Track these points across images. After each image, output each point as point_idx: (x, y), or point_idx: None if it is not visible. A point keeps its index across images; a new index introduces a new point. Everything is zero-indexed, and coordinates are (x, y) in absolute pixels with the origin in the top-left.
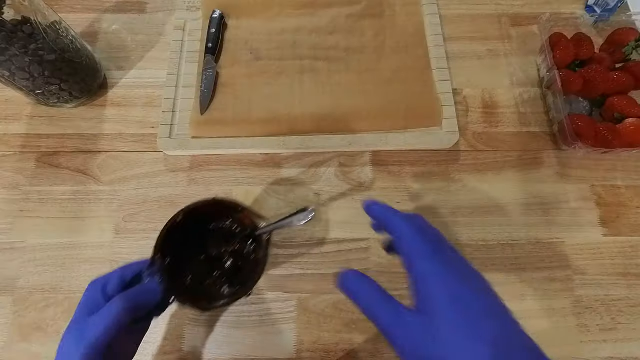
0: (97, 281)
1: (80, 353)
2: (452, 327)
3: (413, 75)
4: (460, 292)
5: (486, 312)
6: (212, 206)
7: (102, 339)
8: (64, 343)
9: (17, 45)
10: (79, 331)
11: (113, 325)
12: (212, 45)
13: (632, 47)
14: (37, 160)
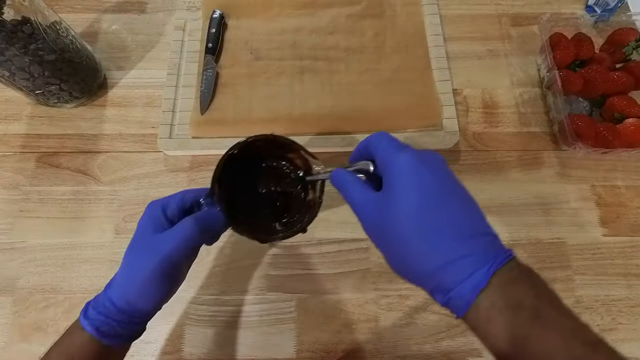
0: (157, 202)
1: (154, 265)
2: (408, 205)
3: (413, 75)
4: (430, 183)
5: (452, 208)
6: (268, 142)
7: (176, 253)
8: (132, 257)
9: (17, 45)
10: (150, 246)
11: (187, 242)
12: (212, 45)
13: (632, 47)
14: (37, 160)
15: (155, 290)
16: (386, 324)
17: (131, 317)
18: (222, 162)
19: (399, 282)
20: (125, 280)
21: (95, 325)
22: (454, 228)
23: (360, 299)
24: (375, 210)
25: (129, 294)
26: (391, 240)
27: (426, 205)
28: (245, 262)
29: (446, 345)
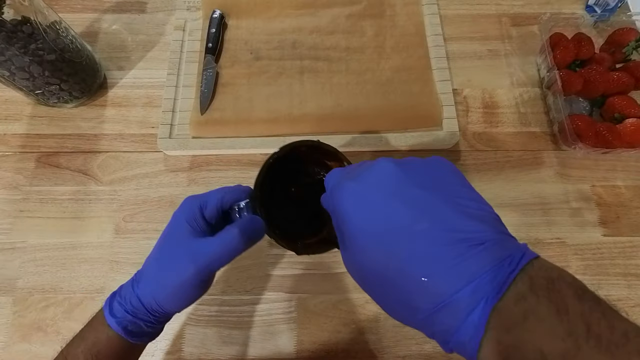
0: (194, 200)
1: (194, 273)
2: (355, 245)
3: (413, 75)
4: (372, 208)
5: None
6: (312, 149)
7: (218, 264)
8: (169, 259)
9: (17, 45)
10: (191, 252)
11: (231, 253)
12: (212, 45)
13: (632, 47)
14: (37, 160)
15: (188, 296)
16: (386, 324)
17: (158, 317)
18: (267, 167)
19: None
20: (159, 282)
21: (123, 324)
22: (424, 256)
23: (360, 299)
24: (344, 258)
25: (161, 296)
26: (368, 289)
27: (379, 237)
28: (245, 262)
29: None
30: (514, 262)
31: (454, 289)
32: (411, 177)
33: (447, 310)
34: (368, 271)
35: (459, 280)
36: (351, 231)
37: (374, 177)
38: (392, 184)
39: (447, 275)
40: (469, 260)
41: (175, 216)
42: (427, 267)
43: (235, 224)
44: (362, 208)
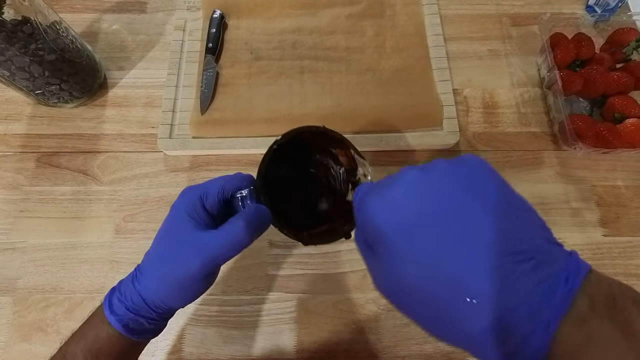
0: (193, 190)
1: (199, 268)
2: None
3: (413, 76)
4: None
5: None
6: (317, 135)
7: (224, 258)
8: (171, 253)
9: (17, 45)
10: (195, 246)
11: (237, 246)
12: (212, 45)
13: (632, 47)
14: (37, 160)
15: (193, 291)
16: (386, 324)
17: (161, 314)
18: (270, 153)
19: None
20: (162, 278)
21: (124, 322)
22: (468, 273)
23: (360, 299)
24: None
25: (165, 292)
26: (404, 308)
27: (415, 252)
28: (245, 262)
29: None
30: (570, 279)
31: (505, 312)
32: (442, 184)
33: (500, 335)
34: (404, 289)
35: (511, 301)
36: (384, 247)
37: (403, 187)
38: (423, 192)
39: (497, 296)
40: (521, 279)
41: (175, 208)
42: (472, 285)
43: (240, 215)
44: (393, 222)
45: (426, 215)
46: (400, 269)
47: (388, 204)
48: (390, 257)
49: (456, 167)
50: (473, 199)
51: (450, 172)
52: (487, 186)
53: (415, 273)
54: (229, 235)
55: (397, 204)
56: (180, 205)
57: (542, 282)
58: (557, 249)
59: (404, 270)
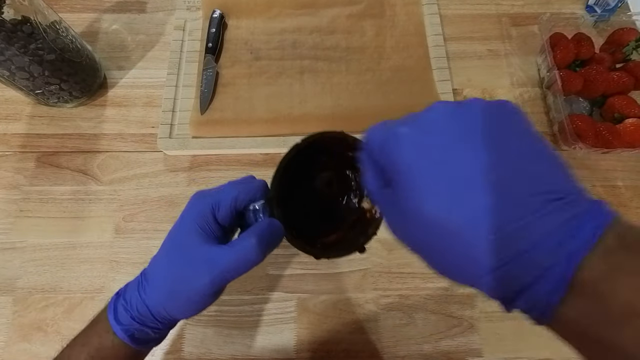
0: (205, 199)
1: (208, 285)
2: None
3: (413, 75)
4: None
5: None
6: (335, 140)
7: (234, 276)
8: (180, 267)
9: (16, 45)
10: (205, 261)
11: (248, 265)
12: (212, 45)
13: (632, 47)
14: (37, 160)
15: (200, 305)
16: (386, 324)
17: (166, 325)
18: (286, 162)
19: (399, 282)
20: (169, 291)
21: (130, 332)
22: (497, 208)
23: (360, 299)
24: (389, 207)
25: (171, 305)
26: (419, 247)
27: (444, 186)
28: None
29: (446, 345)
30: (598, 218)
31: (529, 243)
32: (477, 120)
33: (520, 264)
34: (425, 226)
35: (536, 233)
36: (406, 176)
37: (435, 121)
38: (457, 127)
39: (522, 229)
40: (550, 215)
41: (185, 217)
42: (500, 219)
43: (253, 232)
44: (424, 155)
45: (453, 145)
46: (422, 200)
47: (416, 128)
48: (411, 188)
49: (493, 109)
50: (510, 140)
51: (488, 113)
52: (522, 131)
53: (438, 205)
54: (241, 253)
55: (427, 129)
56: (191, 215)
57: (570, 220)
58: (585, 194)
59: (426, 202)
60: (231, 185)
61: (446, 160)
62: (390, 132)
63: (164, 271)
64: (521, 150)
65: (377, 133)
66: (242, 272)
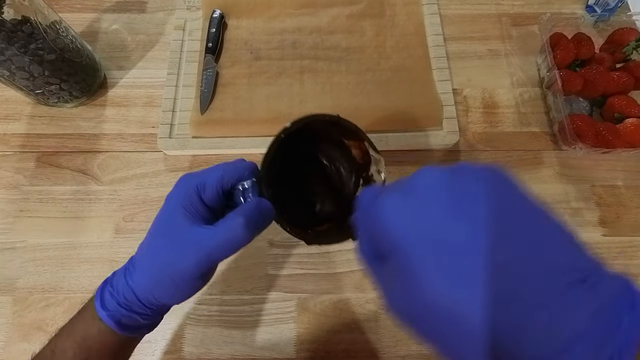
0: (191, 179)
1: (193, 267)
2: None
3: (413, 75)
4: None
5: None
6: (330, 124)
7: (220, 257)
8: (165, 249)
9: (16, 45)
10: (190, 242)
11: (235, 245)
12: (212, 45)
13: (632, 47)
14: (37, 160)
15: (187, 289)
16: (386, 324)
17: (155, 310)
18: (277, 143)
19: None
20: (155, 274)
21: (116, 318)
22: (511, 295)
23: (360, 298)
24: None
25: (158, 289)
26: (421, 329)
27: (442, 264)
28: (245, 262)
29: None
30: (635, 303)
31: (557, 346)
32: (472, 190)
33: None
34: (425, 306)
35: (564, 331)
36: (404, 257)
37: (427, 189)
38: (451, 197)
39: (546, 326)
40: (575, 305)
41: (170, 200)
42: (516, 313)
43: (240, 211)
44: (419, 230)
45: (450, 219)
46: (423, 284)
47: (408, 197)
48: (410, 269)
49: (488, 176)
50: (509, 212)
51: (480, 179)
52: (519, 198)
53: (443, 289)
54: (227, 233)
55: (419, 199)
56: (176, 196)
57: (600, 311)
58: (604, 268)
59: (428, 285)
60: (218, 165)
61: (445, 238)
62: (380, 198)
63: (149, 255)
64: (527, 224)
65: (366, 197)
66: (229, 253)
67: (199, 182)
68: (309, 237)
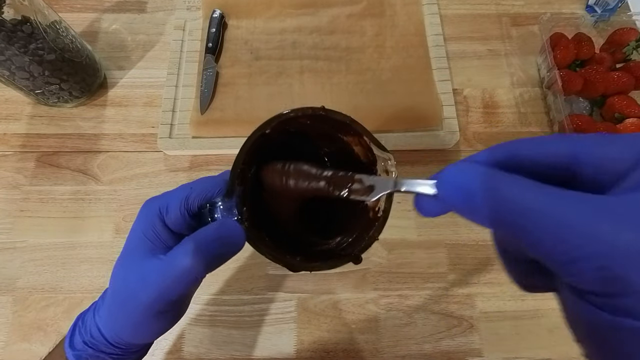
0: (154, 201)
1: (146, 304)
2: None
3: (413, 75)
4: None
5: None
6: (316, 120)
7: (173, 293)
8: (123, 284)
9: (16, 45)
10: (142, 276)
11: (186, 278)
12: (212, 45)
13: (632, 47)
14: (37, 160)
15: (148, 327)
16: (386, 324)
17: (124, 349)
18: (247, 148)
19: (399, 282)
20: (113, 310)
21: (83, 358)
22: None
23: (360, 299)
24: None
25: (120, 329)
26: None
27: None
28: (245, 262)
29: (446, 345)
30: None
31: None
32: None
33: None
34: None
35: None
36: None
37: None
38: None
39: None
40: None
41: (133, 229)
42: None
43: (193, 237)
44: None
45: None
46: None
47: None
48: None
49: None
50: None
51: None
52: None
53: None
54: (174, 266)
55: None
56: (137, 222)
57: None
58: None
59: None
60: (186, 184)
61: None
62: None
63: (110, 288)
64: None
65: (476, 173)
66: (181, 288)
67: (161, 204)
68: (297, 263)
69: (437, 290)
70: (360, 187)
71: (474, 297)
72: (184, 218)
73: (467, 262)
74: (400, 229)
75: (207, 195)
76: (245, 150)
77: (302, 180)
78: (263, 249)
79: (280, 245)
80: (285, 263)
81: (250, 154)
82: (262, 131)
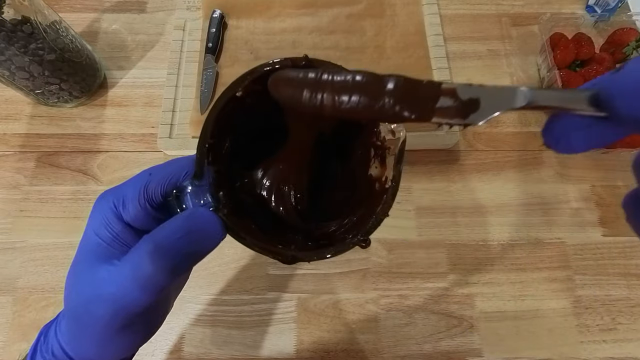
0: (108, 195)
1: (103, 312)
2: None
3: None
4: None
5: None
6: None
7: (128, 310)
8: (76, 297)
9: (16, 45)
10: (93, 288)
11: (148, 286)
12: (212, 45)
13: (632, 47)
14: (37, 160)
15: (118, 347)
16: (386, 324)
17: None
18: (215, 117)
19: (399, 282)
20: (74, 331)
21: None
22: None
23: (360, 299)
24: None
25: (84, 349)
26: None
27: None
28: (245, 262)
29: (446, 345)
30: None
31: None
32: None
33: None
34: None
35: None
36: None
37: None
38: None
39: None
40: None
41: (85, 229)
42: None
43: (151, 235)
44: None
45: None
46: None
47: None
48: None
49: None
50: None
51: None
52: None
53: None
54: (127, 273)
55: None
56: (90, 222)
57: None
58: None
59: None
60: (144, 171)
61: None
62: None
63: (64, 305)
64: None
65: None
66: (144, 300)
67: (116, 197)
68: (291, 253)
69: (437, 290)
70: (452, 104)
71: (474, 297)
72: (145, 211)
73: (467, 262)
74: (400, 229)
75: (171, 181)
76: (213, 120)
77: (349, 95)
78: (248, 240)
79: (272, 234)
80: (276, 254)
81: (221, 125)
82: (231, 93)
